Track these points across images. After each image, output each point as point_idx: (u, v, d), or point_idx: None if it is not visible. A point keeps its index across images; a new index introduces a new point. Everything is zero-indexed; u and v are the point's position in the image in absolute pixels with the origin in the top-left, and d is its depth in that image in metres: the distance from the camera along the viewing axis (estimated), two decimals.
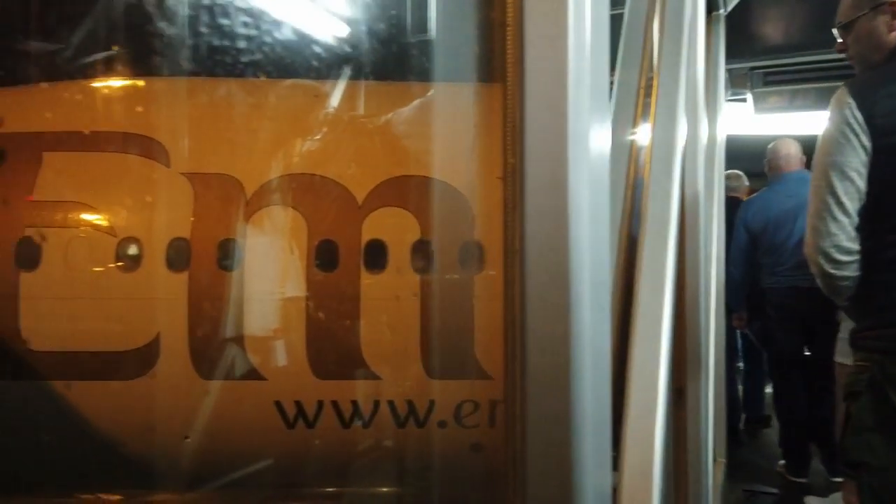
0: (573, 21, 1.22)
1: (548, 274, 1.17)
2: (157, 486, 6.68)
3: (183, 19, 5.71)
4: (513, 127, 1.25)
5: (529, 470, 1.21)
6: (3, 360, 5.75)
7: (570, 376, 1.19)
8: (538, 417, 1.20)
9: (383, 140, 6.30)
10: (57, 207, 5.87)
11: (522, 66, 1.20)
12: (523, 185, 1.20)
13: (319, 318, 5.92)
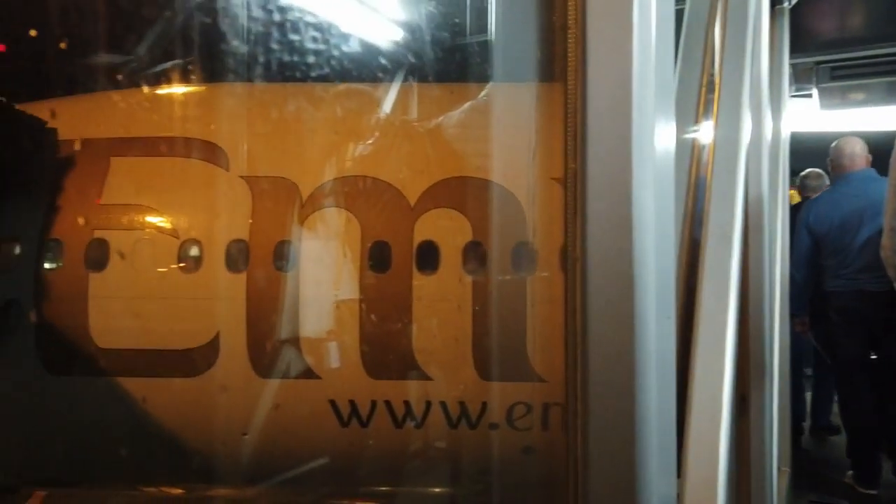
0: (638, 21, 1.20)
1: (611, 281, 1.14)
2: (217, 481, 6.87)
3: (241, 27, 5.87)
4: (574, 131, 1.23)
5: (592, 477, 1.18)
6: (74, 357, 6.00)
7: (634, 384, 1.16)
8: (601, 425, 1.18)
9: (436, 142, 6.32)
10: (123, 210, 6.10)
11: (584, 68, 1.17)
12: (585, 190, 1.18)
13: (372, 318, 5.98)
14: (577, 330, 1.23)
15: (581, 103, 1.20)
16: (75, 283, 5.95)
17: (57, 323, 6.00)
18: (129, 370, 6.02)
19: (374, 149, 6.34)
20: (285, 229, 6.07)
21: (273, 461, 6.29)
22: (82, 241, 5.99)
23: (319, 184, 6.12)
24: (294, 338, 5.98)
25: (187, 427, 6.17)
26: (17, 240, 6.06)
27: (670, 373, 1.28)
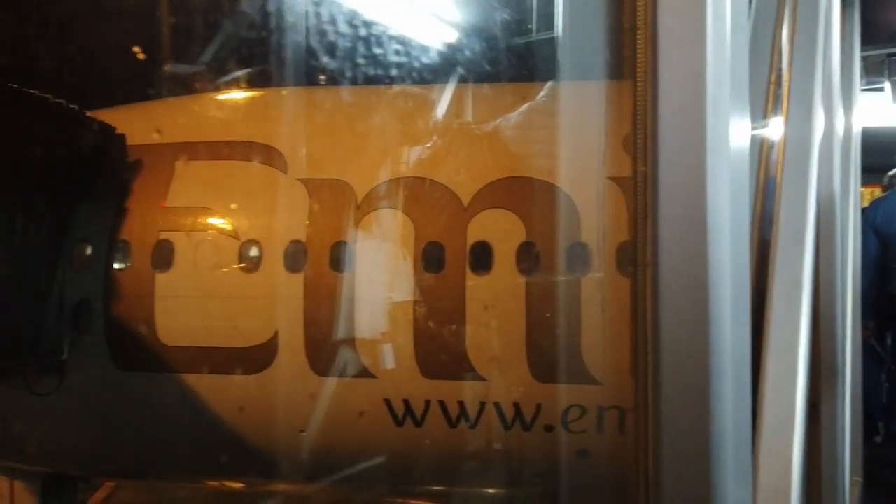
0: (712, 20, 1.16)
1: (685, 288, 1.11)
2: (275, 476, 7.03)
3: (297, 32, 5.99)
4: (644, 132, 1.20)
5: (665, 485, 1.15)
6: (141, 354, 6.22)
7: (709, 393, 1.13)
8: (675, 432, 1.14)
9: (489, 143, 6.30)
10: (187, 213, 6.29)
11: (656, 69, 1.14)
12: (657, 193, 1.14)
13: (426, 318, 6.01)
14: (649, 336, 1.20)
15: (652, 104, 1.17)
16: (143, 282, 6.18)
17: (126, 321, 6.24)
18: (193, 367, 6.21)
19: (428, 150, 6.37)
20: (341, 230, 6.15)
21: (329, 458, 6.39)
22: (149, 242, 6.21)
23: (374, 185, 6.19)
24: (349, 337, 6.06)
25: (247, 423, 6.32)
26: (88, 241, 6.32)
27: (745, 382, 1.24)
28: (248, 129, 6.70)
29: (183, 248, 6.19)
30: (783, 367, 1.84)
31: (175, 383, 6.21)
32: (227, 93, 7.25)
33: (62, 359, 6.19)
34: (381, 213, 6.18)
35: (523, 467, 6.23)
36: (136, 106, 7.52)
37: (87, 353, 6.26)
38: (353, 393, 6.10)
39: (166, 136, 6.66)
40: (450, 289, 6.01)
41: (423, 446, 6.15)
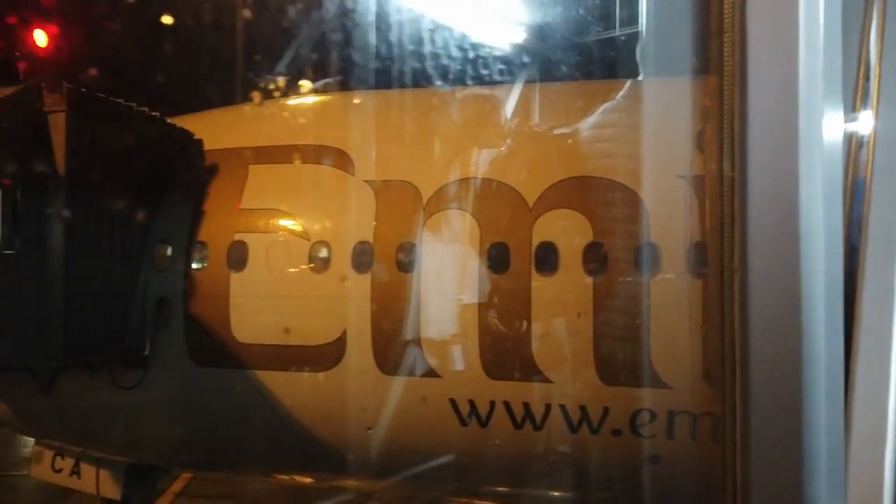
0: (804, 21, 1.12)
1: (776, 295, 1.08)
2: (343, 472, 7.17)
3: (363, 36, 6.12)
4: (730, 135, 1.17)
5: (754, 495, 1.12)
6: (217, 351, 6.46)
7: (801, 403, 1.10)
8: (766, 442, 1.11)
9: (555, 142, 6.24)
10: (260, 214, 6.50)
11: (745, 71, 1.11)
12: (745, 197, 1.12)
13: (491, 319, 6.00)
14: (736, 344, 1.18)
15: (741, 107, 1.14)
16: (218, 282, 6.42)
17: (202, 319, 6.50)
18: (265, 364, 6.40)
19: (493, 151, 6.36)
20: (407, 231, 6.21)
21: (395, 456, 6.47)
22: (225, 244, 6.45)
23: (439, 186, 6.22)
24: (415, 337, 6.11)
25: (316, 419, 6.47)
26: (168, 242, 6.61)
27: (839, 391, 1.20)
28: (318, 132, 6.86)
29: (256, 248, 6.40)
30: (874, 376, 1.76)
31: (248, 379, 6.41)
32: (298, 98, 7.47)
33: (144, 354, 6.49)
34: (446, 214, 6.21)
35: (590, 471, 6.14)
36: (213, 112, 7.83)
37: (167, 349, 6.55)
38: (418, 392, 6.15)
39: (241, 140, 6.90)
40: (515, 289, 5.98)
41: (488, 447, 6.15)
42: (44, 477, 8.15)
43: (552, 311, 5.95)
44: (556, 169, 6.05)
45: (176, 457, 7.61)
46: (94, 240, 6.04)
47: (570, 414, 5.89)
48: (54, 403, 6.71)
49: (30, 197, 5.76)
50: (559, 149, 6.21)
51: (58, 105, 5.77)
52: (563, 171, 6.03)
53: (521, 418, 5.98)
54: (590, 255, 5.87)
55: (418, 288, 6.12)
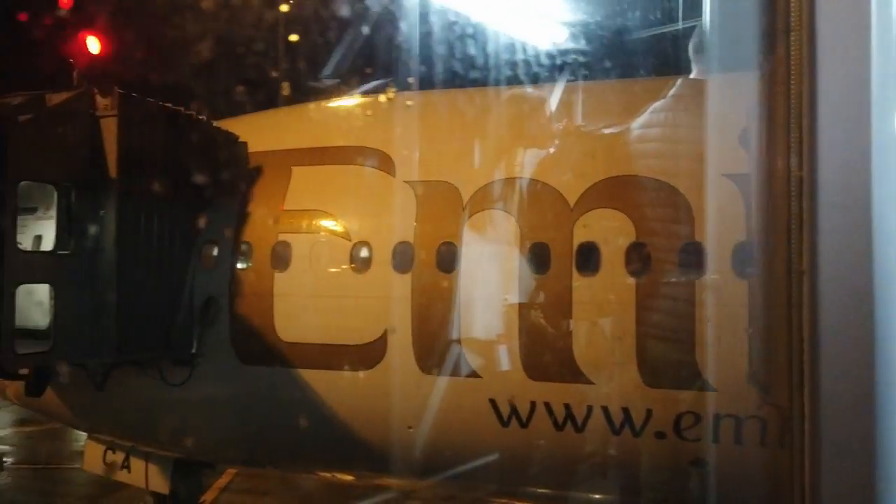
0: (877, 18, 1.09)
1: (848, 298, 1.06)
2: (383, 470, 7.22)
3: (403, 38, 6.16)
4: (798, 135, 1.15)
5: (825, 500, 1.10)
6: (261, 349, 6.58)
7: (874, 405, 1.07)
8: (836, 446, 1.09)
9: (598, 141, 6.18)
10: (303, 215, 6.60)
11: (814, 69, 1.09)
12: (815, 197, 1.09)
13: (531, 319, 5.97)
14: (805, 346, 1.15)
15: (810, 106, 1.12)
16: (263, 281, 6.54)
17: (247, 317, 6.62)
18: (308, 362, 6.49)
19: (534, 150, 6.33)
20: (447, 231, 6.22)
21: (435, 455, 6.49)
22: (269, 244, 6.57)
23: (479, 187, 6.22)
24: (456, 336, 6.12)
25: (357, 418, 6.53)
26: (215, 242, 6.76)
27: None
28: (359, 134, 6.93)
29: (299, 248, 6.50)
30: None
31: (291, 377, 6.51)
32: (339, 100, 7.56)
33: (192, 352, 6.65)
34: (485, 215, 6.20)
35: (633, 474, 6.05)
36: (257, 115, 7.99)
37: (214, 347, 6.70)
38: (458, 391, 6.16)
39: (284, 142, 7.02)
40: (555, 290, 5.94)
41: (529, 448, 6.12)
42: (95, 470, 8.41)
43: (594, 311, 5.88)
44: (598, 168, 5.99)
45: (221, 453, 7.77)
46: (145, 240, 6.21)
47: (612, 416, 5.82)
48: (106, 399, 6.92)
49: (83, 199, 5.95)
50: (601, 148, 6.15)
51: (109, 109, 5.95)
52: (606, 170, 5.97)
53: (563, 419, 5.93)
54: (632, 255, 5.79)
55: (458, 288, 6.12)
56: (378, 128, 6.99)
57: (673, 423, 5.70)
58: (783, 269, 1.29)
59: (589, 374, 5.84)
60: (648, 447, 5.80)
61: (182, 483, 7.84)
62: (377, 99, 7.37)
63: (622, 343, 5.78)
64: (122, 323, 6.00)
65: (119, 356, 6.12)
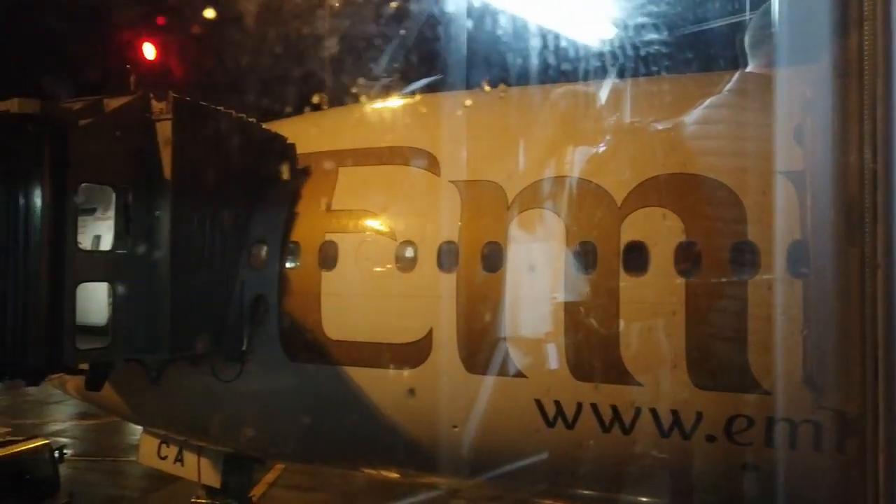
0: None
1: None
2: (428, 469, 7.25)
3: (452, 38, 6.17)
4: (872, 128, 1.12)
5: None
6: (309, 347, 6.68)
7: None
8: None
9: (645, 138, 6.08)
10: (350, 215, 6.68)
11: (890, 63, 1.06)
12: (891, 191, 1.06)
13: (577, 319, 5.90)
14: (880, 343, 1.11)
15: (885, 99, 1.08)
16: (310, 280, 6.65)
17: (295, 316, 6.74)
18: (354, 360, 6.57)
19: (580, 149, 6.25)
20: (492, 231, 6.20)
21: (480, 455, 6.48)
22: (316, 244, 6.67)
23: (524, 186, 6.18)
24: (501, 336, 6.09)
25: (402, 416, 6.57)
26: (264, 242, 6.90)
27: None
28: (404, 134, 6.98)
29: (346, 248, 6.58)
30: None
31: (338, 375, 6.59)
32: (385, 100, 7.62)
33: (242, 349, 6.80)
34: (531, 214, 6.16)
35: (682, 478, 5.92)
36: (304, 116, 8.11)
37: (263, 344, 6.83)
38: (503, 391, 6.13)
39: (331, 143, 7.11)
40: (602, 289, 5.86)
41: (575, 449, 6.06)
42: (150, 463, 8.68)
43: (642, 312, 5.77)
44: (647, 166, 5.89)
45: (270, 448, 7.92)
46: (197, 240, 6.38)
47: (660, 418, 5.71)
48: (161, 394, 7.14)
49: (140, 200, 6.16)
50: (649, 145, 6.04)
51: (164, 113, 6.13)
52: (654, 168, 5.86)
53: (610, 421, 5.85)
54: (682, 254, 5.67)
55: (503, 288, 6.09)
56: (423, 128, 7.03)
57: (724, 427, 5.57)
58: (856, 265, 1.25)
59: (637, 376, 5.74)
60: (699, 450, 5.67)
61: (233, 477, 8.03)
62: (422, 99, 7.41)
63: (672, 344, 5.65)
64: (176, 320, 6.18)
65: (173, 352, 6.29)
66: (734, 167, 5.67)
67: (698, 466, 5.79)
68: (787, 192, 5.39)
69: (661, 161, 5.89)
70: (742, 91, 6.11)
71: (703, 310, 5.62)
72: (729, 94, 6.07)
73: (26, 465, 10.28)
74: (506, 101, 7.12)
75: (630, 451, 5.91)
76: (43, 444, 10.64)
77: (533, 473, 6.35)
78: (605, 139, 6.29)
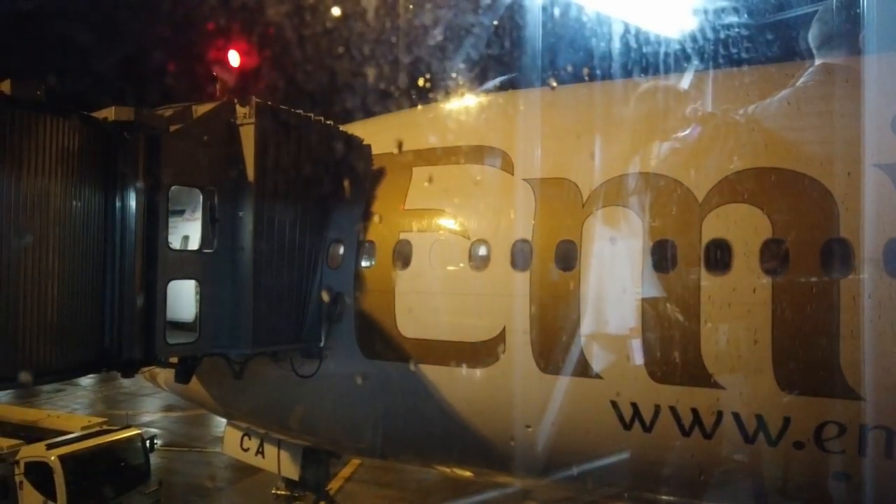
0: None
1: None
2: (501, 468, 7.22)
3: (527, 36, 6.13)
4: None
5: None
6: (383, 344, 6.80)
7: None
8: None
9: (728, 132, 5.84)
10: (423, 215, 6.76)
11: None
12: None
13: (655, 319, 5.75)
14: None
15: None
16: (385, 279, 6.76)
17: (371, 314, 6.87)
18: (428, 358, 6.63)
19: (657, 144, 6.08)
20: (566, 229, 6.12)
21: (554, 455, 6.41)
22: (391, 243, 6.78)
23: (599, 183, 6.07)
24: (575, 336, 6.01)
25: (475, 414, 6.59)
26: (341, 242, 7.07)
27: None
28: (477, 133, 6.99)
29: (420, 247, 6.66)
30: None
31: (412, 373, 6.68)
32: (457, 100, 7.66)
33: (320, 346, 6.99)
34: (606, 211, 6.03)
35: (767, 486, 5.68)
36: (380, 118, 8.27)
37: (340, 341, 7.01)
38: (578, 392, 6.04)
39: (405, 144, 7.21)
40: (682, 289, 5.68)
41: (653, 453, 5.91)
42: (233, 454, 9.06)
43: (725, 312, 5.55)
44: (730, 160, 5.67)
45: (345, 443, 8.11)
46: (279, 240, 6.60)
47: (744, 423, 5.49)
48: (243, 389, 7.43)
49: (225, 201, 6.43)
50: (733, 139, 5.81)
51: (248, 118, 6.38)
52: (738, 162, 5.63)
53: (690, 425, 5.67)
54: (768, 252, 5.42)
55: (578, 287, 6.00)
56: (496, 126, 7.02)
57: (814, 433, 5.29)
58: None
59: (719, 378, 5.53)
60: (786, 457, 5.42)
61: (310, 470, 8.27)
62: (495, 97, 7.41)
63: (757, 346, 5.42)
64: (257, 317, 6.42)
65: (256, 348, 6.54)
66: (825, 159, 5.38)
67: (786, 474, 5.54)
68: (884, 186, 5.07)
69: (747, 155, 5.63)
70: (834, 79, 5.78)
71: (792, 311, 5.35)
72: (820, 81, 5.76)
73: (120, 453, 10.95)
74: (581, 97, 7.02)
75: (712, 457, 5.71)
76: (136, 434, 11.31)
77: (610, 476, 6.24)
78: (685, 133, 6.08)
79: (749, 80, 6.39)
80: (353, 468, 11.45)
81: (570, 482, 6.77)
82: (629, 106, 6.58)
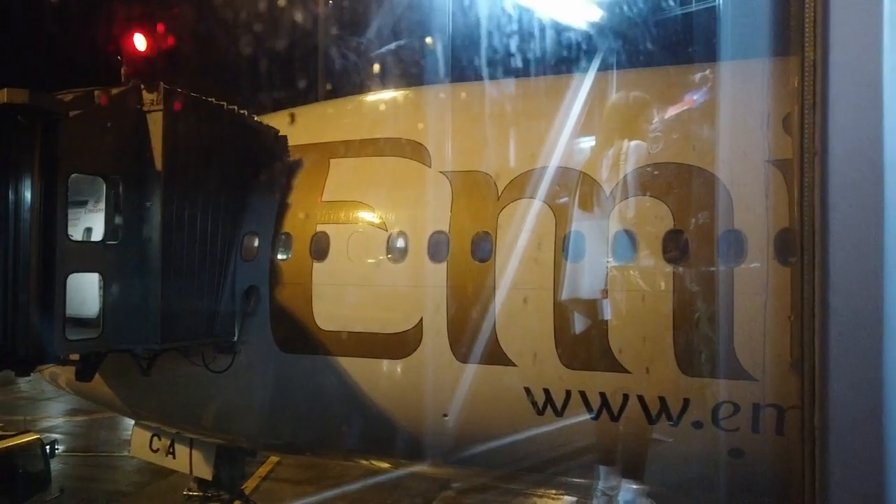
0: None
1: (857, 289, 1.03)
2: (419, 458, 7.28)
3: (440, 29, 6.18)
4: (812, 108, 1.13)
5: (833, 495, 1.07)
6: (300, 337, 6.71)
7: (883, 402, 1.04)
8: (846, 441, 1.06)
9: (636, 128, 6.08)
10: (341, 207, 6.70)
11: (826, 40, 1.07)
12: (826, 174, 1.08)
13: (566, 307, 5.95)
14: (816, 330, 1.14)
15: (822, 90, 1.11)
16: (302, 271, 6.67)
17: (287, 307, 6.76)
18: (346, 351, 6.60)
19: (568, 139, 6.27)
20: (482, 221, 6.23)
21: (470, 443, 6.54)
22: (308, 235, 6.69)
23: (514, 176, 6.21)
24: (490, 325, 6.13)
25: (394, 406, 6.61)
26: (256, 234, 6.92)
27: None
28: (395, 126, 6.98)
29: (337, 239, 6.60)
30: None
31: (329, 366, 6.62)
32: (375, 93, 7.64)
33: (234, 340, 6.83)
34: (520, 204, 6.17)
35: (669, 464, 5.99)
36: (297, 109, 8.11)
37: (254, 335, 6.85)
38: (493, 380, 6.17)
39: (323, 135, 7.12)
40: (592, 278, 5.90)
41: (564, 436, 6.11)
42: (142, 456, 8.68)
43: (629, 300, 5.81)
44: (634, 156, 5.92)
45: (261, 439, 7.95)
46: (189, 231, 6.38)
47: (648, 404, 5.76)
48: (152, 386, 7.14)
49: (130, 191, 6.16)
50: (638, 136, 6.06)
51: (155, 104, 6.13)
52: (642, 158, 5.88)
53: (598, 408, 5.90)
54: (670, 242, 5.71)
55: (493, 277, 6.11)
56: (413, 120, 7.05)
57: (711, 413, 5.61)
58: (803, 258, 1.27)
59: (624, 363, 5.78)
60: (686, 436, 5.70)
61: (224, 469, 8.03)
62: (412, 91, 7.44)
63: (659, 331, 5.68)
64: (166, 311, 6.19)
65: (164, 343, 6.31)
66: (721, 156, 5.70)
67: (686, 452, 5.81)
68: (775, 181, 5.44)
69: (650, 150, 5.90)
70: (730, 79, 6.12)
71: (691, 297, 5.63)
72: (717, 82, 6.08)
73: (17, 459, 10.22)
74: (495, 92, 7.14)
75: (618, 438, 5.96)
76: (34, 439, 10.58)
77: (522, 460, 6.41)
78: (591, 130, 6.30)
79: (658, 80, 6.68)
80: (270, 466, 11.23)
81: (487, 469, 6.90)
82: (543, 101, 6.75)
